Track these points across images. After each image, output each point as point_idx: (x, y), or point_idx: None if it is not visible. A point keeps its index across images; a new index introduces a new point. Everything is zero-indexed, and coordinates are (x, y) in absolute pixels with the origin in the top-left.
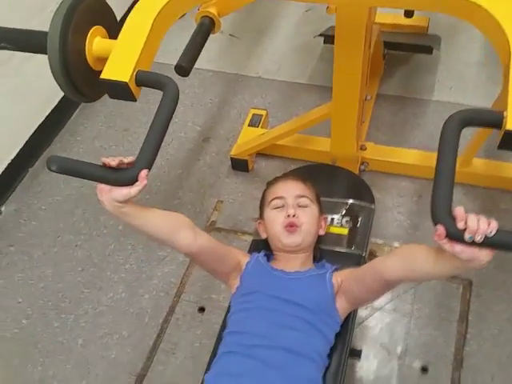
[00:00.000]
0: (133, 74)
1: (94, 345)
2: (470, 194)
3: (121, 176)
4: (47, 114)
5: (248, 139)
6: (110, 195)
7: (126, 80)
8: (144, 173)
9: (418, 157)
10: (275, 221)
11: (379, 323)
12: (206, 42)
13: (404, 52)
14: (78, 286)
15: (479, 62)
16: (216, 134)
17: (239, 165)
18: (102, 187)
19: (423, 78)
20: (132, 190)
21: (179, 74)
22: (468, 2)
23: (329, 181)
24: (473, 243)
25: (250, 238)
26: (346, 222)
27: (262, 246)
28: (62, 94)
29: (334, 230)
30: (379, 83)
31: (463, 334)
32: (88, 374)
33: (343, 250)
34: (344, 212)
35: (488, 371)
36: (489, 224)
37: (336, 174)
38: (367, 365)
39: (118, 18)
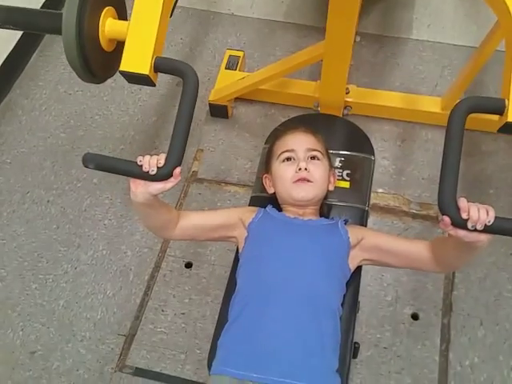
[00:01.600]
0: (151, 63)
1: (77, 306)
2: None
3: (158, 174)
4: (4, 58)
5: (227, 83)
6: (146, 189)
7: (146, 72)
8: (178, 170)
9: (401, 99)
10: (285, 175)
11: (370, 270)
12: None
13: None
14: (53, 245)
15: None
16: None
17: (218, 111)
18: (138, 181)
19: (400, 15)
20: (167, 185)
21: None
22: None
23: (327, 131)
24: (474, 230)
25: (233, 189)
26: (347, 174)
27: (263, 202)
28: (18, 36)
29: (336, 183)
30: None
31: (451, 278)
32: (73, 337)
33: (345, 203)
34: (344, 164)
35: (476, 315)
36: (487, 213)
37: (333, 123)
38: (359, 314)
39: None
